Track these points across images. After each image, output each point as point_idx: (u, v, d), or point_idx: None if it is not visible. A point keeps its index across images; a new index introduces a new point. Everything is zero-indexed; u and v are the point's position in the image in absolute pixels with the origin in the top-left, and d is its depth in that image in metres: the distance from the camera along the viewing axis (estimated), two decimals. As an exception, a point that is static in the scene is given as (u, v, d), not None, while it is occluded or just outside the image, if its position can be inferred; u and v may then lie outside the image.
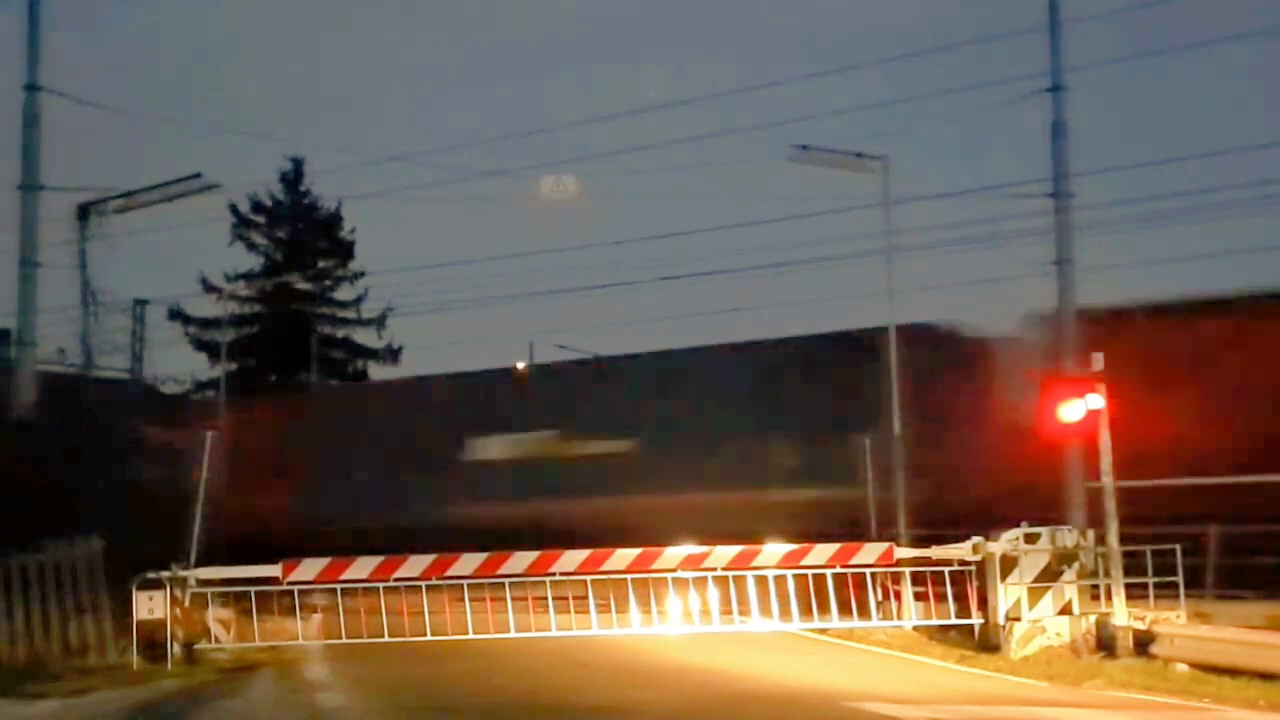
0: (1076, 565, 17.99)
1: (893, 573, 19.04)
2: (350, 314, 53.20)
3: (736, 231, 47.17)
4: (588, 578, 18.48)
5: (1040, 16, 24.76)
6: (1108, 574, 17.71)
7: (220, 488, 20.05)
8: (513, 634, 18.17)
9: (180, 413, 34.20)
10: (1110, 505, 17.83)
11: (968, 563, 18.44)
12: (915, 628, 19.14)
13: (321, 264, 51.94)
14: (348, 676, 16.55)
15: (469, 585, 18.27)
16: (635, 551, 18.50)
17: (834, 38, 72.08)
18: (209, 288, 48.39)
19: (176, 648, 17.48)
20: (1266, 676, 14.04)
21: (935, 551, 18.80)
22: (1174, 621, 16.90)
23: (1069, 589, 17.85)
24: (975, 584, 18.48)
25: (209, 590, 18.05)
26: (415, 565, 18.37)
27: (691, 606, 18.77)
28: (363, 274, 52.70)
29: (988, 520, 19.08)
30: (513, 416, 34.77)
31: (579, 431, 33.06)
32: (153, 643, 17.37)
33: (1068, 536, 18.24)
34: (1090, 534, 18.36)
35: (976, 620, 18.38)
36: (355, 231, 53.20)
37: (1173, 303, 25.46)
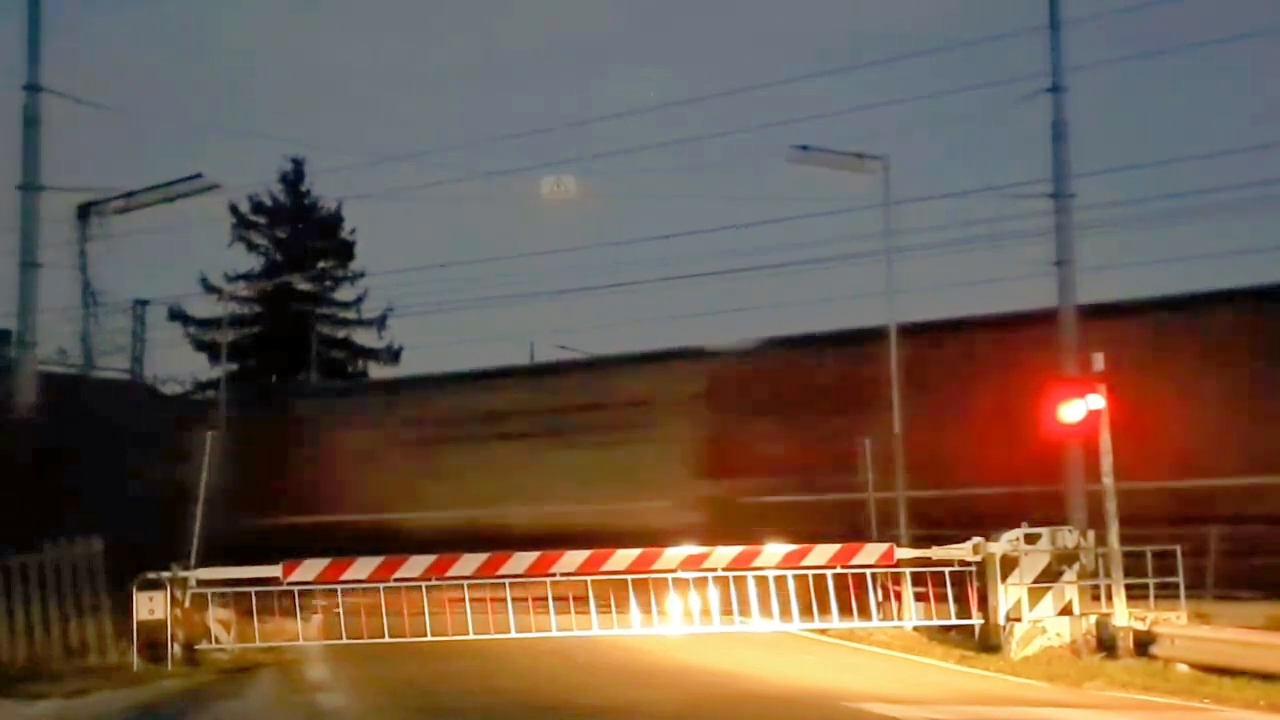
0: (1077, 566, 17.97)
1: (893, 573, 19.03)
2: (350, 314, 53.18)
3: (736, 231, 47.11)
4: (588, 578, 18.47)
5: (1040, 16, 24.85)
6: (1108, 574, 17.71)
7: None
8: (513, 634, 18.16)
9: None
10: (1110, 506, 17.84)
11: (968, 563, 18.42)
12: (915, 628, 19.11)
13: (322, 264, 51.86)
14: (348, 677, 16.54)
15: (469, 585, 18.28)
16: (635, 552, 18.48)
17: (835, 38, 72.02)
18: (209, 288, 48.43)
19: (177, 648, 17.45)
20: (1266, 677, 14.03)
21: (935, 552, 18.78)
22: (1174, 622, 16.89)
23: (1069, 589, 17.83)
24: (975, 584, 18.46)
25: (209, 591, 18.04)
26: (415, 565, 18.34)
27: (692, 607, 18.76)
28: (363, 274, 52.72)
29: None
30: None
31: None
32: (153, 643, 17.34)
33: (1068, 537, 18.23)
34: (1090, 534, 18.36)
35: (977, 621, 18.35)
36: (355, 232, 53.18)
37: None
